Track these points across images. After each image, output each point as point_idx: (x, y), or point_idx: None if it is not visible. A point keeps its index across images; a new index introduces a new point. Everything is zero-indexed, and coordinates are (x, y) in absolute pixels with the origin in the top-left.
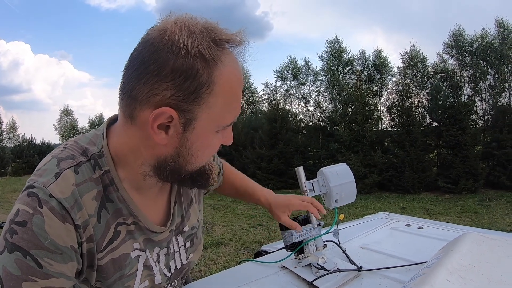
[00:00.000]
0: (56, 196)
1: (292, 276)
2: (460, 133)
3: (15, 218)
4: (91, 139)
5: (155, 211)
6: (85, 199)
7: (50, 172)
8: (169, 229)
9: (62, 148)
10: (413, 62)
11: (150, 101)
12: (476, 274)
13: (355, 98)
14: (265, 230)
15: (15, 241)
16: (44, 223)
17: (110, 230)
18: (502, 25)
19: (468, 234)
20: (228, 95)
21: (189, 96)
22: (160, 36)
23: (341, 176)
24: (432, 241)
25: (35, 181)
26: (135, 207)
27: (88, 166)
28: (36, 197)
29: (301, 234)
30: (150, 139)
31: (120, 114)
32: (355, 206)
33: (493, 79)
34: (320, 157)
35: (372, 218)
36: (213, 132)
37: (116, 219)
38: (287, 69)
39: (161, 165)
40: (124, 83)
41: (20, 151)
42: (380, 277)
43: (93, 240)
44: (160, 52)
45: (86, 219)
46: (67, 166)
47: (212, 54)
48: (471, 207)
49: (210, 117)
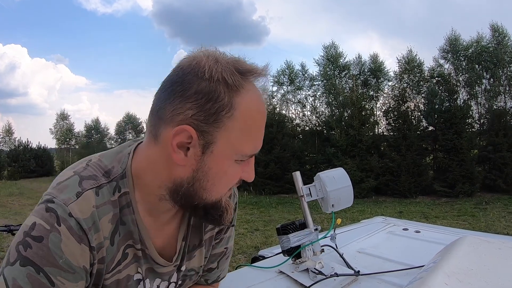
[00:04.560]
0: (76, 216)
1: (290, 281)
2: (456, 137)
3: (30, 231)
4: (115, 158)
5: (162, 239)
6: (102, 221)
7: (72, 190)
8: (173, 264)
9: (85, 165)
10: (410, 67)
11: (173, 119)
12: (473, 278)
13: (351, 103)
14: (262, 235)
15: (29, 256)
16: (60, 242)
17: (119, 252)
18: (497, 29)
19: (466, 237)
20: (247, 122)
21: (209, 117)
22: (188, 62)
23: (338, 180)
24: (429, 244)
25: (55, 196)
26: (145, 234)
27: (109, 188)
28: (55, 214)
29: (298, 239)
30: (170, 159)
31: (146, 134)
32: (352, 210)
33: (488, 83)
34: (317, 162)
35: (369, 222)
36: (231, 160)
37: (126, 241)
38: (284, 74)
39: (177, 188)
40: (153, 105)
41: (16, 155)
42: (377, 281)
43: (104, 262)
44: (187, 75)
45: (101, 242)
46: (89, 187)
47: (235, 81)
48: (467, 211)
49: (229, 142)
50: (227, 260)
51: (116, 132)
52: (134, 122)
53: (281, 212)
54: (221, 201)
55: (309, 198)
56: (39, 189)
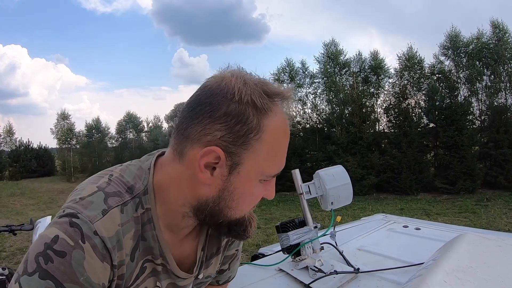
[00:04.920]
0: (101, 234)
1: (289, 279)
2: (457, 133)
3: (52, 244)
4: (136, 174)
5: (181, 252)
6: (125, 238)
7: (97, 207)
8: (193, 275)
9: (107, 180)
10: (410, 64)
11: (201, 140)
12: (473, 275)
13: (352, 100)
14: (263, 233)
15: (49, 269)
16: (83, 259)
17: (137, 266)
18: (497, 26)
19: (465, 234)
20: (274, 144)
21: (238, 139)
22: (217, 83)
23: (337, 178)
24: (429, 242)
25: (79, 212)
26: (166, 249)
27: (132, 205)
28: (80, 231)
29: (298, 236)
30: (195, 178)
31: (169, 151)
32: (353, 208)
33: (489, 79)
34: (318, 160)
35: (370, 219)
36: (256, 180)
37: (145, 256)
38: (284, 72)
39: (202, 207)
40: (179, 122)
41: (17, 155)
42: (377, 278)
43: (123, 278)
44: (216, 96)
45: (123, 259)
46: (114, 205)
47: (263, 103)
48: (469, 208)
49: (256, 164)
50: (237, 261)
51: (117, 131)
52: (134, 121)
53: (282, 210)
54: (245, 217)
55: (309, 196)
56: (40, 189)
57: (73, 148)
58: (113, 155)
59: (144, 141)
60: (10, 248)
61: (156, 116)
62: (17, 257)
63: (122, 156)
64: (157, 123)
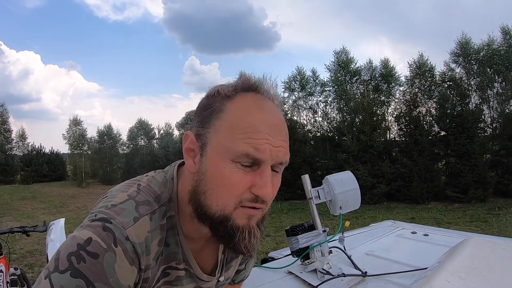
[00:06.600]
0: (132, 240)
1: (298, 281)
2: (468, 141)
3: (86, 246)
4: (162, 183)
5: (203, 256)
6: (153, 245)
7: (129, 214)
8: (216, 277)
9: (136, 189)
10: (421, 71)
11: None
12: (476, 276)
13: (362, 108)
14: (273, 240)
15: (81, 269)
16: (115, 262)
17: (159, 270)
18: (508, 32)
19: (471, 238)
20: (236, 121)
21: (203, 121)
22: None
23: (346, 183)
24: (437, 247)
25: (112, 218)
26: (189, 254)
27: (159, 213)
28: (113, 235)
29: (307, 240)
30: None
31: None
32: (363, 216)
33: (500, 86)
34: (328, 168)
35: (378, 226)
36: (225, 160)
37: (167, 263)
38: (295, 80)
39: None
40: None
41: (29, 159)
42: (384, 282)
43: (147, 282)
44: (203, 100)
45: (149, 264)
46: (145, 213)
47: (229, 91)
48: (480, 216)
49: (218, 141)
50: (253, 261)
51: (128, 138)
52: (146, 128)
53: (292, 218)
54: (230, 219)
55: (318, 200)
56: (51, 193)
57: (84, 153)
58: (124, 161)
59: (155, 148)
60: (21, 250)
61: (168, 123)
62: (27, 259)
63: (133, 162)
64: (168, 130)
